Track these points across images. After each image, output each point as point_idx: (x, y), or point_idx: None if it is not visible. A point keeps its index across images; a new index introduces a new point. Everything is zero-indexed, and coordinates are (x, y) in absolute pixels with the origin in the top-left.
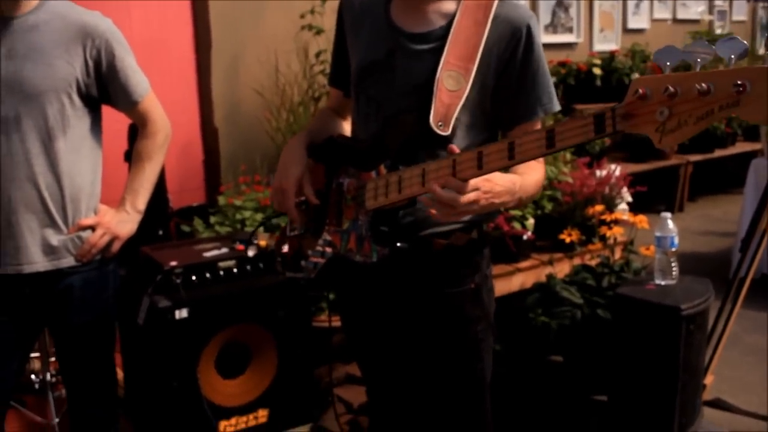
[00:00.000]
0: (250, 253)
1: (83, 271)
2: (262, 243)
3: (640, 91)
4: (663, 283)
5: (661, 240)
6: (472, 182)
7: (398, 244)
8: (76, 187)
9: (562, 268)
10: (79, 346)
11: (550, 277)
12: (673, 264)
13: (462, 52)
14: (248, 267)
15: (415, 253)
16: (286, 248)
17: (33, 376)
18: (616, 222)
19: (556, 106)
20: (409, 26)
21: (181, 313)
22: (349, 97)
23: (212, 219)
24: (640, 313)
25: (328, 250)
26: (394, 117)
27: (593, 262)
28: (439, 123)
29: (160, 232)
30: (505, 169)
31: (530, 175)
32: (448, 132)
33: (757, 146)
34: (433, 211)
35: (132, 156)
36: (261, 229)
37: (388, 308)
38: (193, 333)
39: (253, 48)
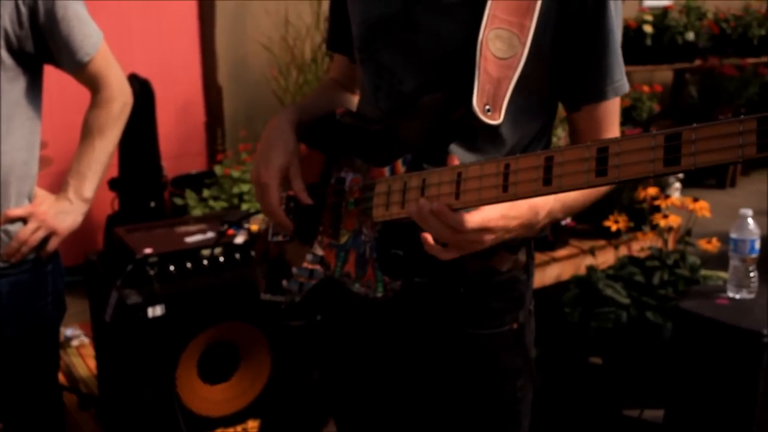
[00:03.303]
0: (240, 239)
1: (12, 274)
2: (255, 227)
3: None
4: (738, 297)
5: (738, 244)
6: (482, 220)
7: (416, 279)
8: (3, 168)
9: (605, 259)
10: (11, 364)
11: (591, 270)
12: (752, 274)
13: (513, 1)
14: (237, 256)
15: (439, 286)
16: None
17: None
18: (672, 207)
19: (627, 86)
20: None
21: (155, 311)
22: (356, 64)
23: (206, 192)
24: (709, 336)
25: (319, 269)
26: (415, 94)
27: (642, 254)
28: (486, 107)
29: (152, 204)
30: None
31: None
32: (500, 120)
33: None
34: (428, 238)
35: (81, 129)
36: (259, 212)
37: (395, 354)
38: (170, 333)
39: None
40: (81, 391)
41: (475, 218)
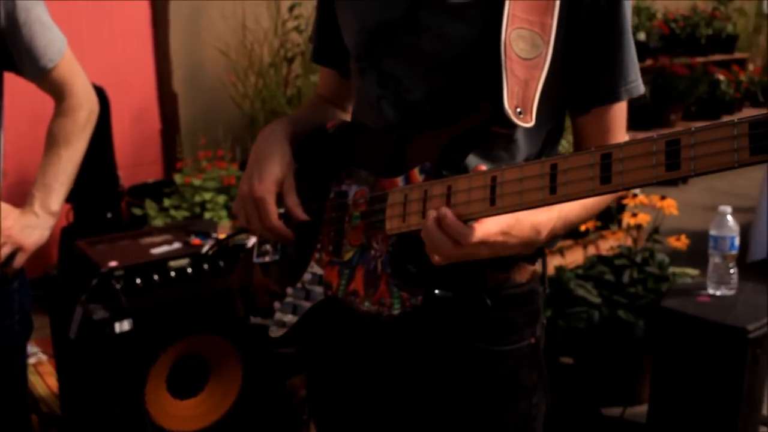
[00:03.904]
0: (208, 249)
1: None
2: (223, 236)
3: None
4: (718, 293)
5: (718, 241)
6: (483, 235)
7: (437, 292)
8: None
9: (574, 258)
10: None
11: (560, 270)
12: (731, 270)
13: (531, 0)
14: (205, 266)
15: (460, 300)
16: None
17: None
18: (639, 205)
19: (641, 88)
20: None
21: (123, 326)
22: (346, 78)
23: (167, 202)
24: (693, 333)
25: (318, 289)
26: (424, 102)
27: (610, 253)
28: (518, 109)
29: (109, 215)
30: None
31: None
32: (532, 122)
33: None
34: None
35: (45, 139)
36: (223, 220)
37: (404, 375)
38: (139, 348)
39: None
40: (42, 411)
41: (477, 233)
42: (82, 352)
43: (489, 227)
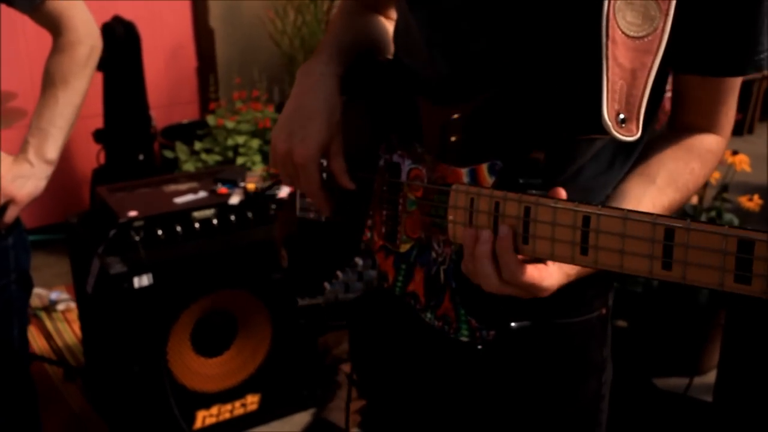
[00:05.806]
0: (234, 199)
1: None
2: (251, 186)
3: None
4: None
5: None
6: (538, 279)
7: (513, 325)
8: None
9: None
10: None
11: None
12: None
13: None
14: (232, 218)
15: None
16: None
17: None
18: None
19: None
20: None
21: (142, 281)
22: None
23: (197, 145)
24: None
25: (371, 273)
26: (486, 57)
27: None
28: (620, 115)
29: (141, 157)
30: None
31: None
32: (638, 134)
33: None
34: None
35: (42, 79)
36: (257, 165)
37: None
38: (159, 304)
39: None
40: (67, 363)
41: (532, 274)
42: (101, 307)
43: (551, 277)
